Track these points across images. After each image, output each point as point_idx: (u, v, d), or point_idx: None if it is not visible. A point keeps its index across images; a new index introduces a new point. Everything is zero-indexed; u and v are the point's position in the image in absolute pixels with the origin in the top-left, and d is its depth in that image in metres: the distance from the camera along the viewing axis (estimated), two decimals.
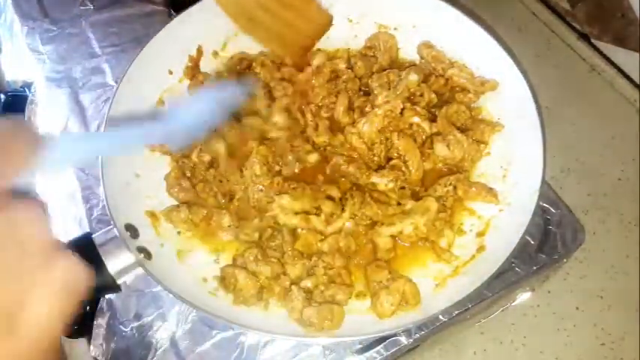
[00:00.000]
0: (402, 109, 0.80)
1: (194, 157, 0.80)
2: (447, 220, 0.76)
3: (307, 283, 0.71)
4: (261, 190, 0.75)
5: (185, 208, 0.76)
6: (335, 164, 0.79)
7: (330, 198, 0.75)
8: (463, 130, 0.81)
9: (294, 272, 0.71)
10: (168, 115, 0.53)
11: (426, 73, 0.86)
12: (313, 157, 0.80)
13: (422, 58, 0.88)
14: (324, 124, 0.82)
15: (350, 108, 0.83)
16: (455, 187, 0.76)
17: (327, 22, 0.86)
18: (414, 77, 0.81)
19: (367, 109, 0.82)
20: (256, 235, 0.75)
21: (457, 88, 0.85)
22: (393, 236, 0.74)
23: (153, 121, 0.52)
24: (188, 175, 0.80)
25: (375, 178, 0.76)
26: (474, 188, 0.76)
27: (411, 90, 0.82)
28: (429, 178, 0.80)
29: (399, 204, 0.76)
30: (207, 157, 0.80)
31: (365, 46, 0.91)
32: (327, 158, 0.80)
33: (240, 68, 0.89)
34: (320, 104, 0.84)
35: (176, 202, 0.79)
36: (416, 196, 0.77)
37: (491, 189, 0.77)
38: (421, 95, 0.83)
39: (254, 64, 0.88)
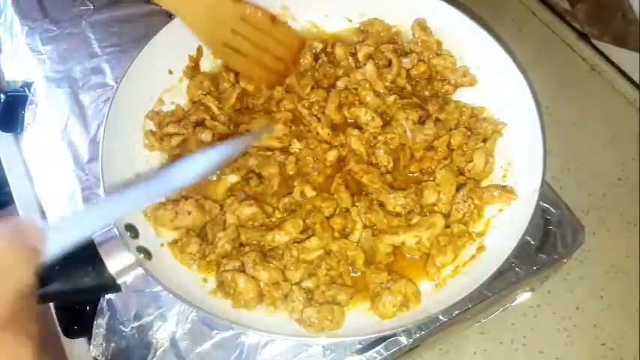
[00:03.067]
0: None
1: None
2: (462, 234, 0.75)
3: (308, 284, 0.71)
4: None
5: (171, 205, 0.75)
6: (350, 170, 0.78)
7: (341, 211, 0.75)
8: (468, 128, 0.81)
9: (294, 277, 0.71)
10: (169, 174, 0.53)
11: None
12: (332, 155, 0.79)
13: (413, 36, 0.88)
14: (327, 118, 0.82)
15: (339, 105, 0.83)
16: (472, 198, 0.76)
17: (299, 44, 0.87)
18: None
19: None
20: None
21: (438, 77, 0.86)
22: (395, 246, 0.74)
23: (153, 182, 0.52)
24: None
25: (387, 199, 0.75)
26: (487, 193, 0.76)
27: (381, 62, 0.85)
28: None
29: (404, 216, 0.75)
30: None
31: (358, 29, 0.92)
32: (344, 158, 0.80)
33: None
34: (311, 101, 0.84)
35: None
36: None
37: (504, 186, 0.76)
38: (389, 65, 0.85)
39: (242, 84, 0.88)
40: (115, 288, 0.67)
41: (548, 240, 0.79)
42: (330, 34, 0.93)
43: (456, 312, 0.72)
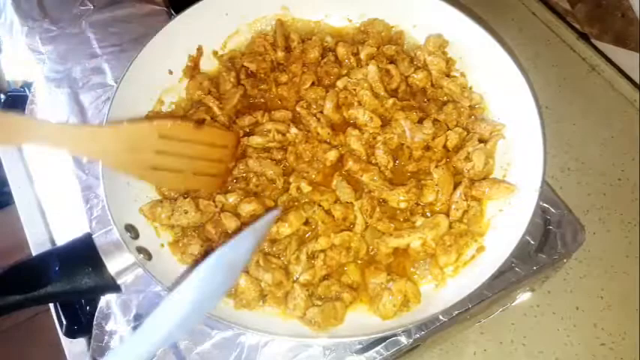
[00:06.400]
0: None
1: None
2: (465, 233, 0.74)
3: (305, 276, 0.71)
4: None
5: (168, 203, 0.75)
6: (349, 170, 0.78)
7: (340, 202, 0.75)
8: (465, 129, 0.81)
9: (297, 270, 0.71)
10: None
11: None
12: (332, 155, 0.79)
13: (428, 51, 0.87)
14: (325, 117, 0.82)
15: (338, 106, 0.84)
16: (470, 197, 0.76)
17: (234, 141, 0.80)
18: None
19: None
20: None
21: (448, 98, 0.85)
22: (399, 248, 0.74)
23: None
24: None
25: (389, 196, 0.75)
26: (485, 187, 0.76)
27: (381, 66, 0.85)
28: None
29: (407, 220, 0.75)
30: None
31: (359, 29, 0.92)
32: (343, 156, 0.80)
33: (235, 65, 0.89)
34: (309, 100, 0.84)
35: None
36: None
37: (502, 181, 0.76)
38: (390, 76, 0.85)
39: (246, 63, 0.88)
40: (115, 288, 0.67)
41: (548, 240, 0.79)
42: (334, 29, 0.93)
43: (456, 312, 0.72)
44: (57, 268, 0.64)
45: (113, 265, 0.65)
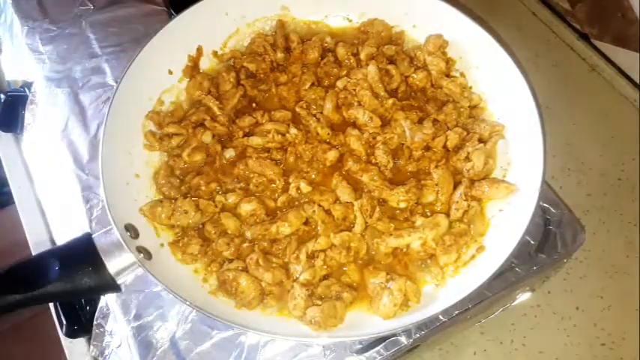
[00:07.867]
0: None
1: (185, 156, 0.80)
2: (466, 234, 0.74)
3: (305, 276, 0.71)
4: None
5: (168, 203, 0.75)
6: (349, 170, 0.78)
7: (340, 202, 0.75)
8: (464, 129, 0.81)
9: (297, 270, 0.71)
10: None
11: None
12: (332, 155, 0.79)
13: (426, 48, 0.87)
14: (325, 117, 0.82)
15: (337, 106, 0.84)
16: (470, 197, 0.76)
17: None
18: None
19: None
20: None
21: (448, 98, 0.85)
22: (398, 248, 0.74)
23: None
24: (177, 173, 0.80)
25: (389, 196, 0.75)
26: (485, 186, 0.76)
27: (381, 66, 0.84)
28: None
29: (407, 219, 0.75)
30: (198, 157, 0.80)
31: (359, 29, 0.92)
32: (342, 156, 0.80)
33: (235, 66, 0.89)
34: (308, 100, 0.84)
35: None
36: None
37: (502, 180, 0.76)
38: (390, 76, 0.85)
39: (245, 63, 0.88)
40: (114, 288, 0.67)
41: (548, 240, 0.79)
42: (334, 29, 0.93)
43: (456, 312, 0.72)
44: (57, 268, 0.64)
45: (113, 264, 0.65)
